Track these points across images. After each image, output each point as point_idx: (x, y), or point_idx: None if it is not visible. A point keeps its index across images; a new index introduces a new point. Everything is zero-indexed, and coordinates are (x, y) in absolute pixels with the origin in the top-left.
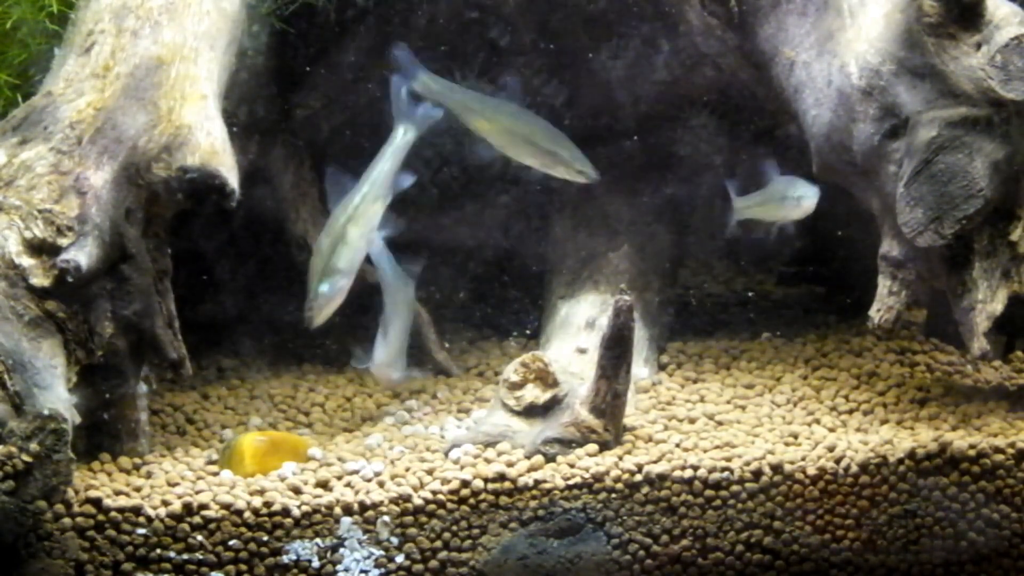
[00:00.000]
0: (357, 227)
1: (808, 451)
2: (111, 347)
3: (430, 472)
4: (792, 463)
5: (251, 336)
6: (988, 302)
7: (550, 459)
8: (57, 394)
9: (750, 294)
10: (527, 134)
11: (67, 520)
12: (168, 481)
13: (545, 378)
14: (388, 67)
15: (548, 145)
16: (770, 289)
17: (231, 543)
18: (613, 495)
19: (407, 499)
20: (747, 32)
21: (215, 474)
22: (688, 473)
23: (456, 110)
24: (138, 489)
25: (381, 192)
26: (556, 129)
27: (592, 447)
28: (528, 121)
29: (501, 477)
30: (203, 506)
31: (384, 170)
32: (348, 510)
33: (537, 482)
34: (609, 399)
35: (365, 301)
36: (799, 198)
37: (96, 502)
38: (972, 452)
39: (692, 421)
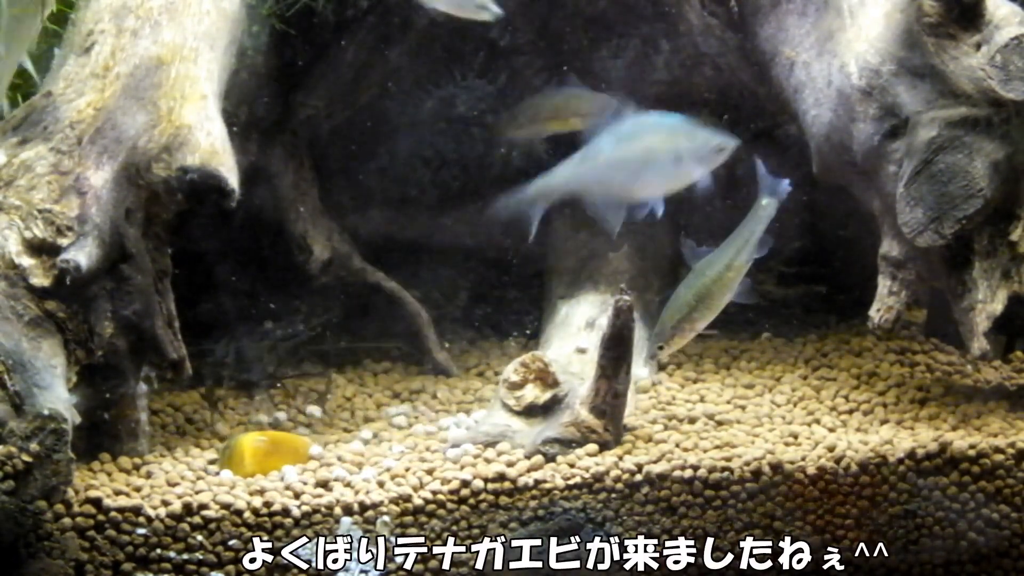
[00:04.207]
0: (721, 290)
1: (808, 451)
2: (111, 347)
3: (430, 472)
4: (792, 463)
5: (251, 336)
6: (988, 302)
7: (550, 459)
8: (57, 394)
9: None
10: None
11: (67, 520)
12: (168, 481)
13: (545, 378)
14: None
15: None
16: (770, 289)
17: (231, 543)
18: (613, 495)
19: (407, 499)
20: (747, 32)
21: (215, 474)
22: (688, 473)
23: None
24: (138, 489)
25: (746, 258)
26: None
27: (592, 447)
28: None
29: (501, 477)
30: (203, 506)
31: (750, 239)
32: (348, 510)
33: (537, 482)
34: (609, 399)
35: (365, 302)
36: None
37: (96, 502)
38: (972, 452)
39: (692, 421)
